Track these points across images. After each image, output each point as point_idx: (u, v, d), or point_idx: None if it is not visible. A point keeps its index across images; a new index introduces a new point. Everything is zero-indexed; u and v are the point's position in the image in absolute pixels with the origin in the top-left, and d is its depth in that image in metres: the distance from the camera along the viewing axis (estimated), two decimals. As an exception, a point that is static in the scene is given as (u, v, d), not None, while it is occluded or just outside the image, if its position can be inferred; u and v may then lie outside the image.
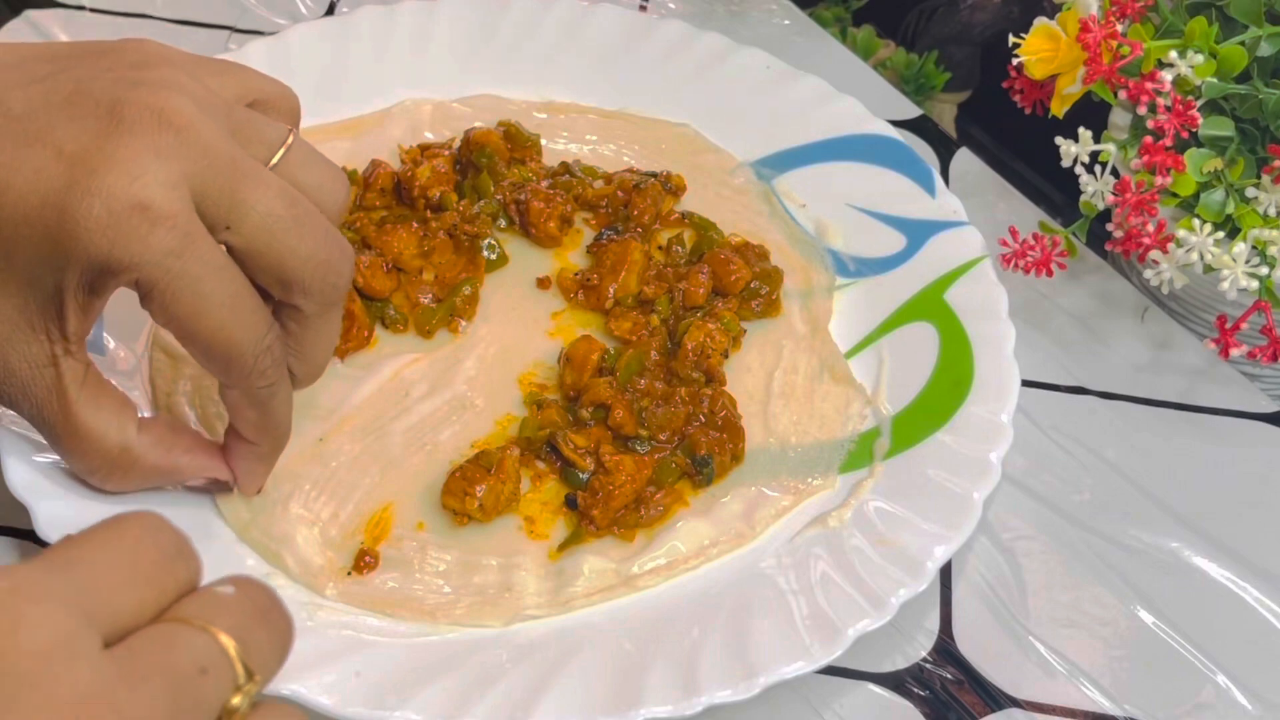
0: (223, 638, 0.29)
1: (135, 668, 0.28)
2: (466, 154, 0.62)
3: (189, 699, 0.28)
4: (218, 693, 0.29)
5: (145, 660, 0.28)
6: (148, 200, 0.40)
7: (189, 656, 0.29)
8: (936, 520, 0.50)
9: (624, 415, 0.52)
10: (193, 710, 0.28)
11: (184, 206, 0.41)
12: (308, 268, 0.44)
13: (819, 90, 0.66)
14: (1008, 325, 0.56)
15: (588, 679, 0.45)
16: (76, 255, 0.40)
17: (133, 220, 0.40)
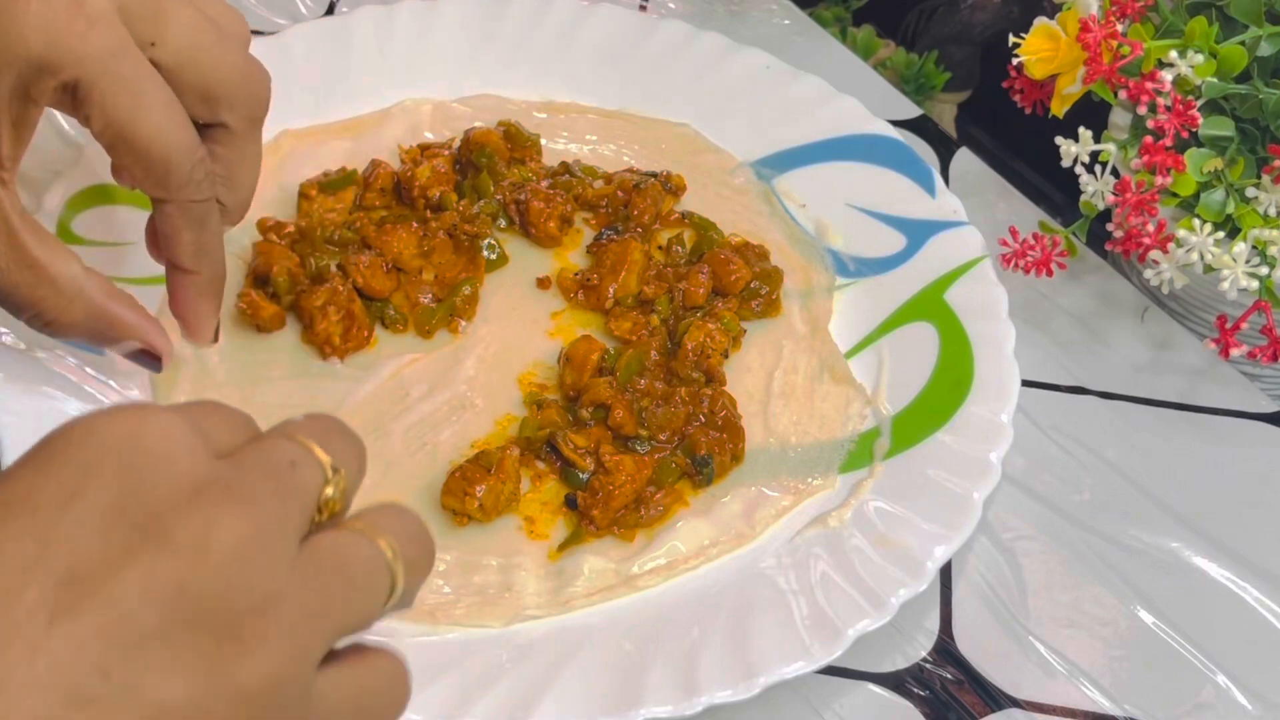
0: (303, 440, 0.33)
1: (240, 463, 0.32)
2: (466, 154, 0.62)
3: (288, 485, 0.32)
4: (311, 480, 0.33)
5: (247, 458, 0.32)
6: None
7: (281, 454, 0.33)
8: (936, 520, 0.50)
9: (624, 415, 0.52)
10: (294, 494, 0.32)
11: (116, 12, 0.42)
12: (233, 77, 0.45)
13: (819, 90, 0.66)
14: (1008, 325, 0.56)
15: (588, 679, 0.45)
16: (13, 55, 0.41)
17: (71, 16, 0.41)
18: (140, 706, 0.28)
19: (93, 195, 0.58)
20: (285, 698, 0.30)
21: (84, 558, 0.29)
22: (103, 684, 0.28)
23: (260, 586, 0.30)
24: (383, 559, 0.33)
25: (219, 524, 0.30)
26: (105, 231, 0.57)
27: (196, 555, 0.29)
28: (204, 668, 0.29)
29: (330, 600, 0.31)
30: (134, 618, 0.28)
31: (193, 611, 0.29)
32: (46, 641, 0.28)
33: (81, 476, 0.30)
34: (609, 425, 0.52)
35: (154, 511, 0.29)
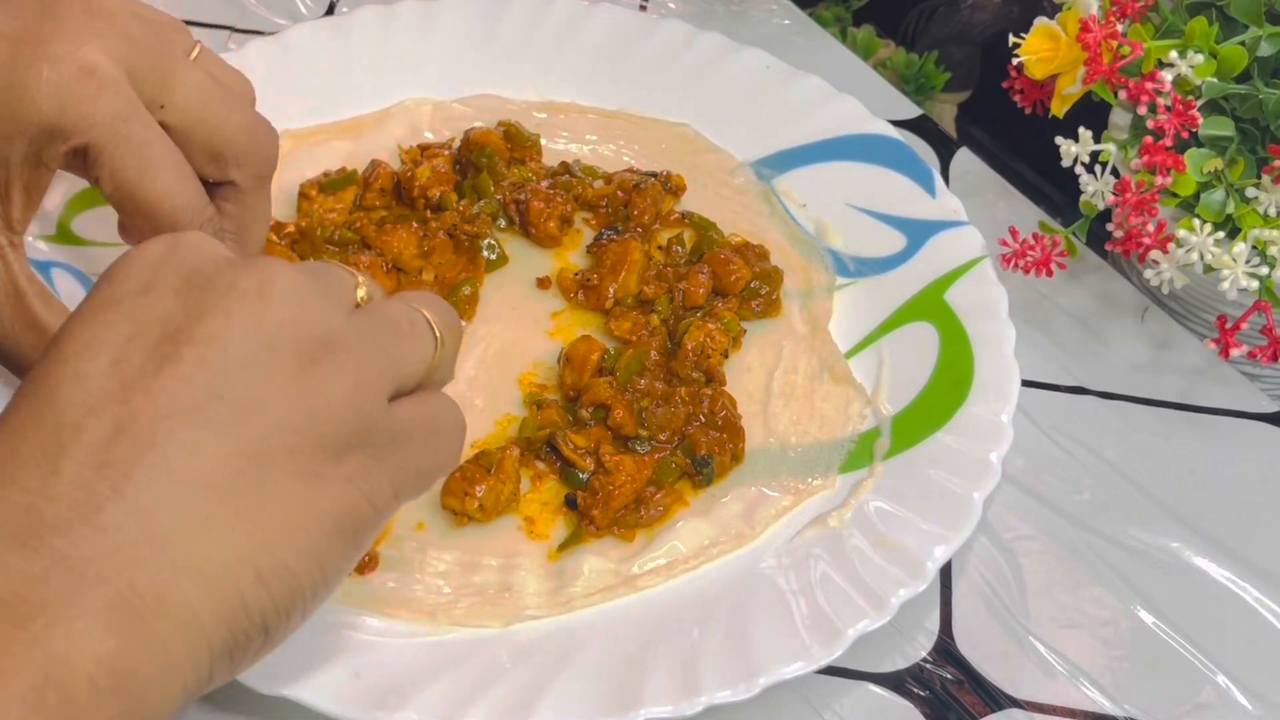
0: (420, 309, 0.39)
1: (371, 313, 0.37)
2: (466, 154, 0.62)
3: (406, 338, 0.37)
4: (424, 340, 0.38)
5: (376, 311, 0.37)
6: (94, 65, 0.43)
7: (403, 314, 0.38)
8: (936, 520, 0.50)
9: (624, 415, 0.52)
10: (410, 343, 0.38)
11: (125, 77, 0.43)
12: (240, 136, 0.47)
13: (819, 90, 0.66)
14: (1008, 325, 0.56)
15: (588, 679, 0.45)
16: (26, 121, 0.42)
17: (81, 83, 0.42)
18: (254, 420, 0.33)
19: (93, 195, 0.58)
20: (367, 409, 0.36)
21: (169, 322, 0.34)
22: (218, 405, 0.33)
23: (323, 323, 0.35)
24: (423, 318, 0.39)
25: (278, 272, 0.35)
26: (105, 232, 0.57)
27: (263, 296, 0.35)
28: (295, 386, 0.34)
29: (385, 342, 0.37)
30: (226, 350, 0.34)
31: (272, 338, 0.34)
32: (160, 383, 0.33)
33: (149, 273, 0.35)
34: (609, 425, 0.52)
35: (217, 280, 0.35)
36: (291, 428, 0.34)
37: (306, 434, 0.34)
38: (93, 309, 0.35)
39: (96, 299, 0.35)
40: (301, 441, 0.34)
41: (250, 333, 0.34)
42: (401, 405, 0.37)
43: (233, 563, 0.33)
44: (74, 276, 0.55)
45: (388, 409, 0.37)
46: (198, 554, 0.32)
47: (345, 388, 0.35)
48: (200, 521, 0.32)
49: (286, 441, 0.34)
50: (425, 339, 0.38)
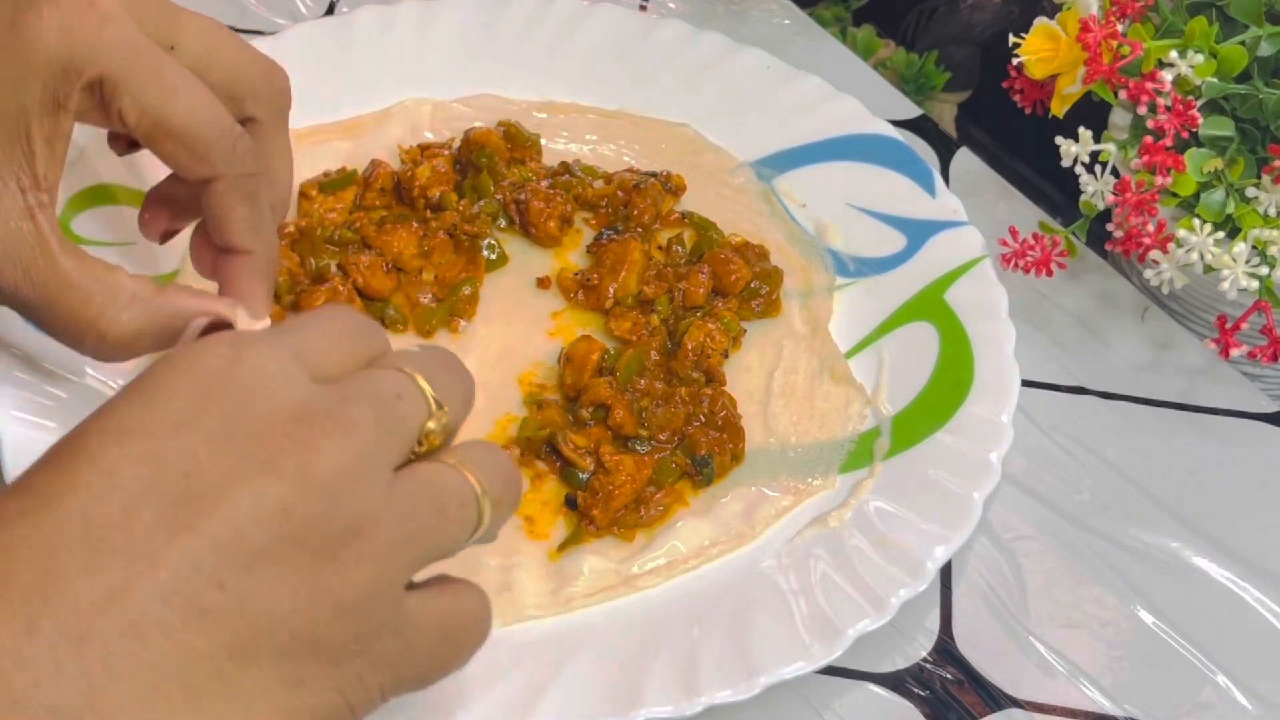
0: (412, 373, 0.35)
1: (344, 392, 0.34)
2: (466, 154, 0.62)
3: (390, 416, 0.34)
4: (414, 414, 0.35)
5: (351, 387, 0.34)
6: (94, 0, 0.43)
7: (387, 385, 0.35)
8: (936, 520, 0.50)
9: (624, 415, 0.52)
10: (395, 426, 0.34)
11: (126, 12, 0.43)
12: (253, 69, 0.47)
13: (819, 90, 0.66)
14: (1008, 325, 0.56)
15: (588, 679, 0.45)
16: (35, 62, 0.42)
17: (84, 16, 0.42)
18: (252, 617, 0.31)
19: (93, 195, 0.58)
20: (379, 611, 0.33)
21: (196, 480, 0.31)
22: (219, 595, 0.30)
23: (357, 510, 0.32)
24: (473, 493, 0.35)
25: (321, 450, 0.32)
26: (105, 231, 0.57)
27: (300, 479, 0.31)
28: (307, 583, 0.31)
29: (421, 527, 0.34)
30: (245, 536, 0.31)
31: (297, 532, 0.31)
32: (166, 555, 0.30)
33: (190, 406, 0.32)
34: (609, 425, 0.52)
35: (260, 438, 0.32)
36: (289, 630, 0.31)
37: (304, 638, 0.32)
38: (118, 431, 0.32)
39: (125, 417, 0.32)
40: (296, 645, 0.32)
41: (274, 524, 0.31)
42: (420, 599, 0.35)
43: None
44: (74, 276, 0.55)
45: (402, 602, 0.34)
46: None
47: (362, 588, 0.32)
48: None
49: (279, 644, 0.31)
50: (468, 520, 0.36)
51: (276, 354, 0.34)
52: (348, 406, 0.33)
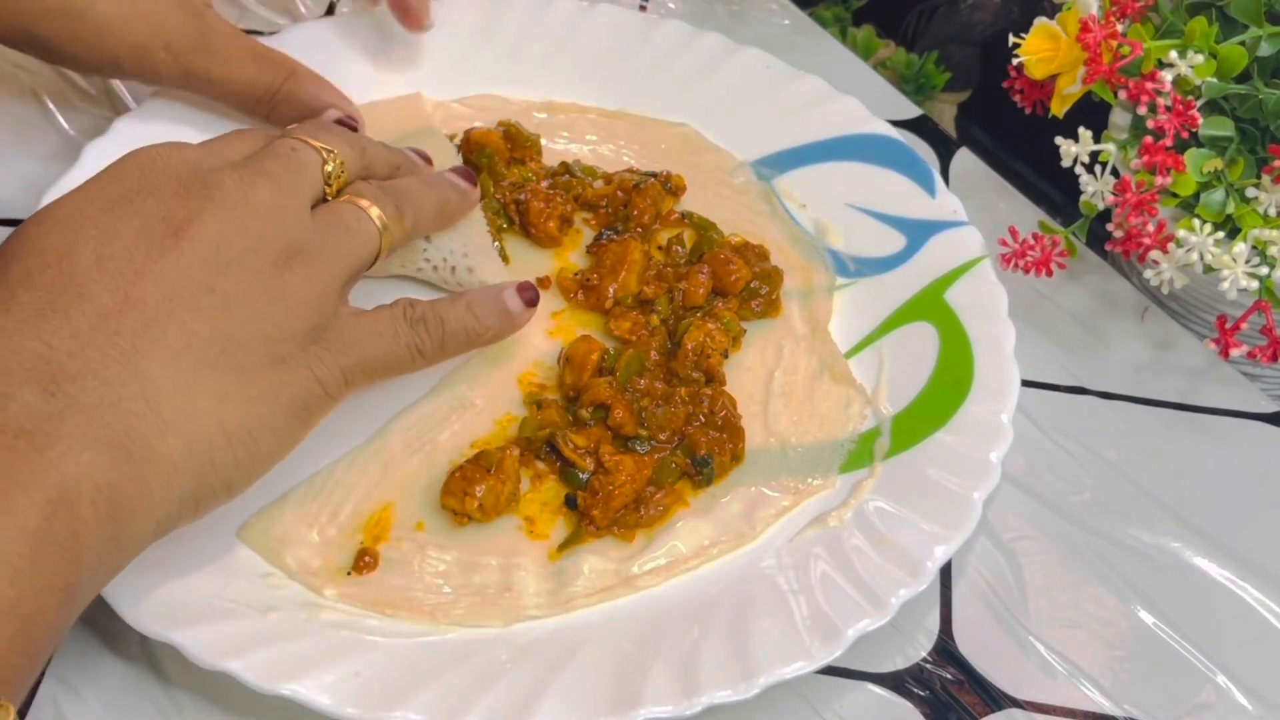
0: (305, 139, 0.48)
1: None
2: (466, 154, 0.62)
3: (292, 163, 0.47)
4: (310, 161, 0.47)
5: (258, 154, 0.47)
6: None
7: (282, 145, 0.47)
8: (936, 520, 0.50)
9: (624, 415, 0.52)
10: (299, 169, 0.47)
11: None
12: None
13: (819, 90, 0.66)
14: (1008, 325, 0.56)
15: (588, 679, 0.45)
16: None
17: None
18: (237, 310, 0.42)
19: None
20: (325, 307, 0.45)
21: (173, 219, 0.42)
22: (209, 296, 0.42)
23: (292, 232, 0.44)
24: (369, 218, 0.48)
25: (256, 187, 0.44)
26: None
27: (248, 209, 0.43)
28: (273, 284, 0.43)
29: (337, 242, 0.46)
30: (219, 250, 0.42)
31: (255, 245, 0.43)
32: (164, 269, 0.41)
33: (150, 177, 0.43)
34: (609, 425, 0.52)
35: (210, 185, 0.43)
36: (269, 319, 0.42)
37: (280, 326, 0.43)
38: (105, 202, 0.42)
39: (106, 193, 0.43)
40: (275, 331, 0.43)
41: (237, 238, 0.43)
42: (351, 310, 0.47)
43: (209, 425, 0.40)
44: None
45: (340, 308, 0.46)
46: (182, 415, 0.40)
47: (311, 288, 0.44)
48: (186, 389, 0.40)
49: (262, 330, 0.42)
50: (371, 234, 0.48)
51: (196, 148, 0.45)
52: (263, 161, 0.46)
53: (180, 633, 0.44)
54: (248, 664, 0.44)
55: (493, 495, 0.50)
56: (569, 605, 0.48)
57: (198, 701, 0.46)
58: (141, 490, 0.39)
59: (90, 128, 0.63)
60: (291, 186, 0.45)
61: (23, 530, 0.35)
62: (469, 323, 0.50)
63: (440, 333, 0.49)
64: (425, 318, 0.49)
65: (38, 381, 0.38)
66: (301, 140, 0.48)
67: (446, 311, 0.49)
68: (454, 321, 0.49)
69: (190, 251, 0.42)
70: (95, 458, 0.37)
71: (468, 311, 0.50)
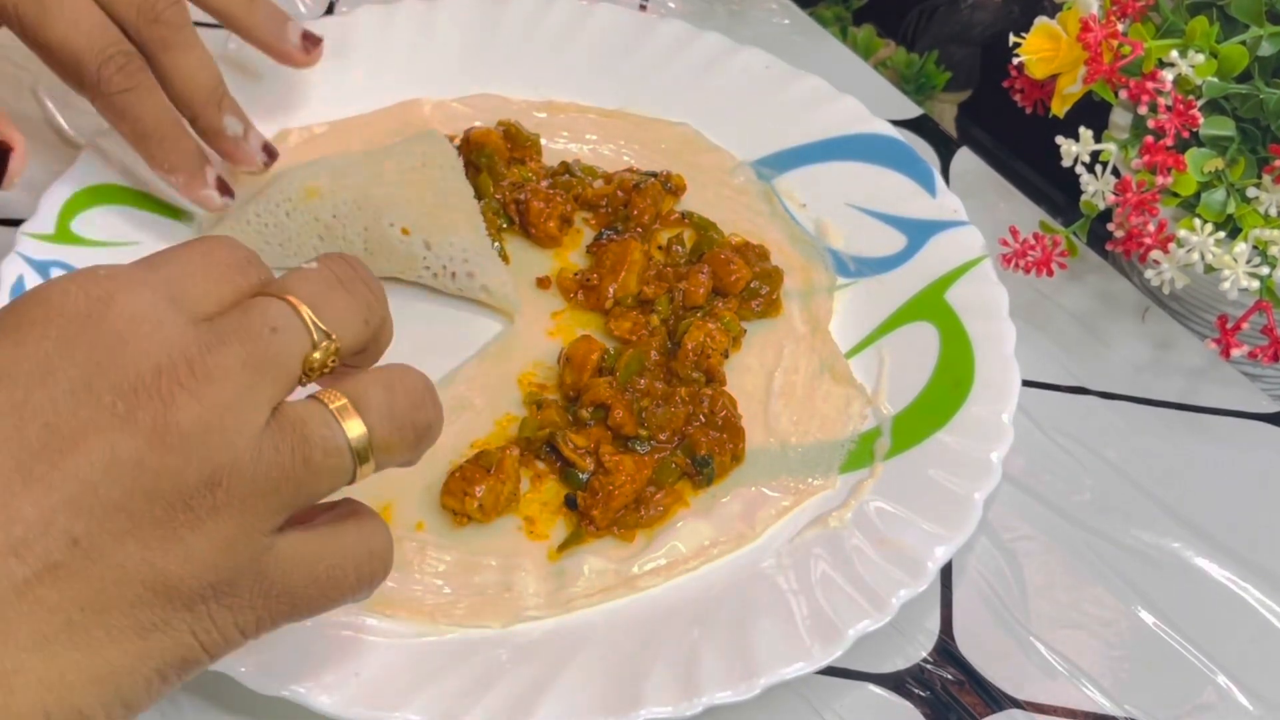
0: (294, 303, 0.35)
1: (215, 332, 0.33)
2: (466, 154, 0.62)
3: (261, 356, 0.33)
4: (291, 349, 0.34)
5: (223, 326, 0.34)
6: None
7: (261, 319, 0.34)
8: (937, 520, 0.50)
9: (624, 415, 0.52)
10: (266, 366, 0.33)
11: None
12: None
13: (819, 90, 0.66)
14: (1008, 325, 0.56)
15: (588, 679, 0.45)
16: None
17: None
18: (103, 570, 0.32)
19: (93, 195, 0.58)
20: (233, 560, 0.33)
21: (54, 432, 0.32)
22: (70, 551, 0.31)
23: (215, 462, 0.32)
24: (346, 446, 0.35)
25: (178, 405, 0.32)
26: (105, 231, 0.57)
27: (155, 434, 0.32)
28: (159, 535, 0.32)
29: (284, 477, 0.33)
30: (98, 491, 0.31)
31: (149, 486, 0.32)
32: (20, 509, 0.31)
33: (56, 351, 0.32)
34: (609, 425, 0.52)
35: (120, 390, 0.32)
36: (141, 581, 0.32)
37: (156, 588, 0.32)
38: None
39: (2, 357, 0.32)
40: (147, 594, 0.32)
41: (128, 475, 0.32)
42: (291, 541, 0.35)
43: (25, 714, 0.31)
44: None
45: (263, 553, 0.34)
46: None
47: (214, 538, 0.33)
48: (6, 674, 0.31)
49: (130, 594, 0.32)
50: (337, 469, 0.35)
51: (149, 295, 0.33)
52: (214, 353, 0.33)
53: (180, 633, 0.44)
54: (248, 664, 0.44)
55: (493, 495, 0.50)
56: (569, 605, 0.48)
57: (198, 701, 0.46)
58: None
59: (90, 128, 0.63)
60: (241, 395, 0.33)
61: None
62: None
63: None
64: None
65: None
66: (292, 311, 0.35)
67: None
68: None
69: (60, 486, 0.31)
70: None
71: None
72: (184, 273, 0.35)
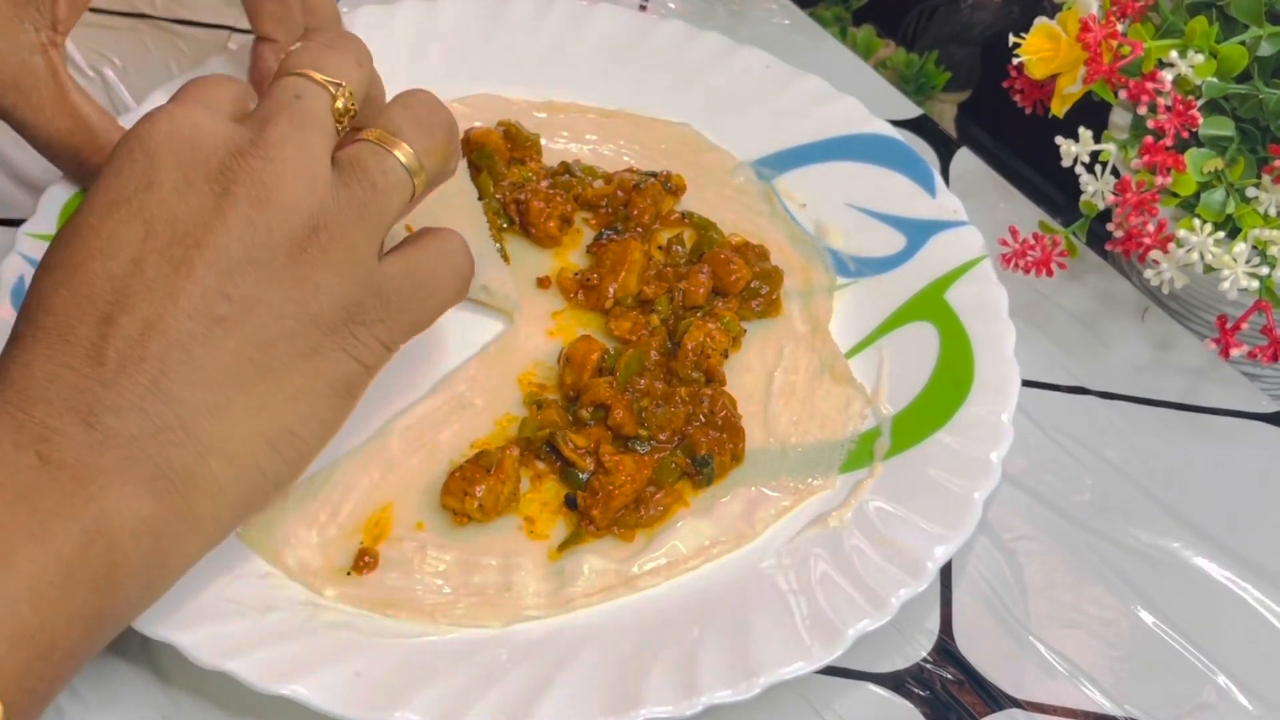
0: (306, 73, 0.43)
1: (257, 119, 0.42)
2: (467, 154, 0.62)
3: (299, 115, 0.42)
4: (318, 104, 0.43)
5: (260, 112, 0.42)
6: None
7: (284, 94, 0.42)
8: (937, 520, 0.50)
9: (624, 415, 0.52)
10: (308, 122, 0.42)
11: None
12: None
13: (819, 90, 0.66)
14: (1008, 325, 0.56)
15: (588, 679, 0.45)
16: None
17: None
18: (258, 312, 0.40)
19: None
20: (352, 282, 0.41)
21: (178, 224, 0.40)
22: (228, 306, 0.39)
23: (307, 207, 0.40)
24: (398, 163, 0.43)
25: (261, 173, 0.40)
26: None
27: (254, 200, 0.40)
28: (289, 275, 0.40)
29: (363, 203, 0.42)
30: (228, 254, 0.39)
31: (265, 239, 0.40)
32: (178, 285, 0.39)
33: (148, 167, 0.40)
34: (609, 425, 0.52)
35: (212, 176, 0.40)
36: (289, 314, 0.40)
37: (302, 317, 0.40)
38: (107, 205, 0.40)
39: (108, 193, 0.40)
40: (298, 325, 0.40)
41: (246, 234, 0.40)
42: (391, 260, 0.43)
43: (249, 438, 0.39)
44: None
45: (373, 272, 0.42)
46: (220, 435, 0.39)
47: (332, 269, 0.41)
48: (220, 407, 0.39)
49: (286, 327, 0.40)
50: (402, 184, 0.43)
51: (195, 110, 0.42)
52: (265, 129, 0.41)
53: (180, 633, 0.44)
54: (248, 664, 0.44)
55: (493, 495, 0.50)
56: (569, 605, 0.48)
57: (198, 701, 0.46)
58: (186, 517, 0.39)
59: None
60: (301, 149, 0.41)
61: (56, 558, 0.35)
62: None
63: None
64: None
65: (76, 412, 0.37)
66: (304, 77, 0.43)
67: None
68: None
69: (200, 261, 0.39)
70: (136, 491, 0.37)
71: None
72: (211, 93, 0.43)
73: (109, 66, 0.68)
